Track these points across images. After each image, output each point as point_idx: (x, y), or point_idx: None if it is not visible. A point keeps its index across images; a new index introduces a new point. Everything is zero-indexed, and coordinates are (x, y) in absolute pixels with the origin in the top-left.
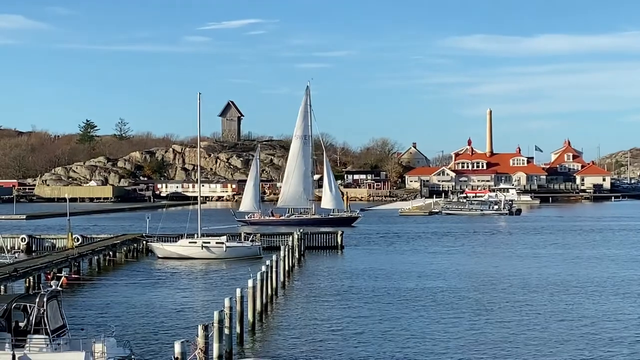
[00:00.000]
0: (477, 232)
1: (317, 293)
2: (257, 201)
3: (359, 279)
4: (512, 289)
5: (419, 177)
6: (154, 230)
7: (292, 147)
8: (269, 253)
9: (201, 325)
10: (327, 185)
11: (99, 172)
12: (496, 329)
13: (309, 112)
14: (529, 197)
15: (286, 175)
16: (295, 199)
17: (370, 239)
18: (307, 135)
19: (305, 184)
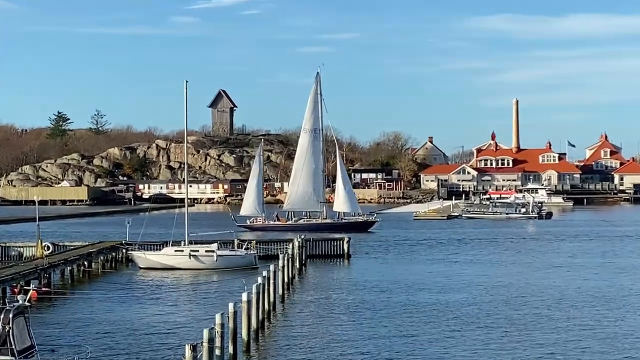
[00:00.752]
0: (503, 238)
1: (322, 308)
2: (261, 204)
3: (369, 292)
4: (547, 304)
5: (436, 176)
6: (135, 237)
7: (301, 143)
8: (266, 262)
9: (189, 344)
10: (341, 185)
11: (73, 171)
12: (530, 350)
13: (320, 103)
14: (560, 198)
15: (293, 174)
16: (304, 201)
17: (381, 247)
18: (317, 128)
19: (316, 184)
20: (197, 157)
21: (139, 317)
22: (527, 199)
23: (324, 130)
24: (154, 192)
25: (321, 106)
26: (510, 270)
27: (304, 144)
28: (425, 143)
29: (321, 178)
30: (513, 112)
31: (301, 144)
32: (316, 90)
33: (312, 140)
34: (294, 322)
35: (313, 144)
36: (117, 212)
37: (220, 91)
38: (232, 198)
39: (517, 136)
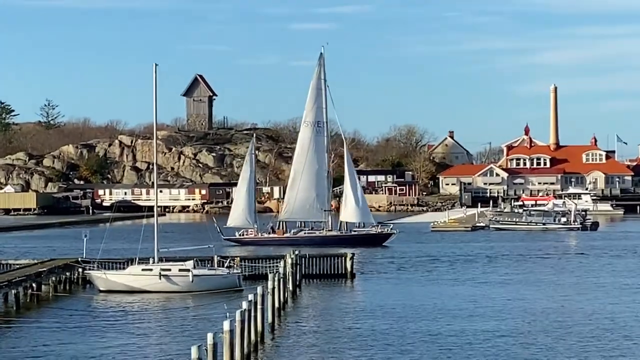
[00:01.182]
0: (540, 254)
1: (320, 339)
2: (252, 213)
3: (379, 320)
4: (596, 332)
5: (458, 179)
6: (93, 253)
7: (301, 138)
8: (253, 284)
9: None
10: (350, 191)
11: (18, 173)
12: None
13: (324, 90)
14: (608, 205)
15: (292, 176)
16: (305, 210)
17: (392, 264)
18: (320, 121)
19: (319, 189)
20: (169, 157)
21: (98, 351)
22: (568, 206)
23: (328, 124)
24: (117, 198)
25: (325, 94)
26: (550, 293)
27: (305, 140)
28: (444, 139)
29: (325, 181)
30: (551, 101)
31: (301, 140)
32: (319, 75)
33: (315, 136)
34: (286, 356)
35: (316, 139)
36: (72, 224)
37: (196, 76)
38: (211, 206)
39: (555, 130)
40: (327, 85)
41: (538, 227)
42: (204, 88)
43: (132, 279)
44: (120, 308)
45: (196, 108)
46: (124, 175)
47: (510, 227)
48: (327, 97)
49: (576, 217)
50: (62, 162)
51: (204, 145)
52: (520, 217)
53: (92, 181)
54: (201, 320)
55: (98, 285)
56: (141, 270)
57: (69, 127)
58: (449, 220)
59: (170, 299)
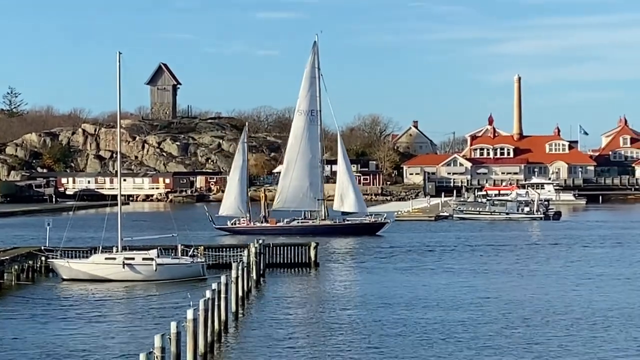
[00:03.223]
0: (504, 243)
1: (284, 328)
2: (245, 202)
3: (343, 308)
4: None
5: (422, 169)
6: (57, 242)
7: (294, 127)
8: (216, 273)
9: None
10: (345, 179)
11: None
12: None
13: (318, 78)
14: (571, 195)
15: (285, 165)
16: (299, 199)
17: (354, 253)
18: (314, 110)
19: (312, 178)
20: (133, 145)
21: (60, 340)
22: (532, 196)
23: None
24: (80, 187)
25: (319, 83)
26: (520, 282)
27: (299, 129)
28: (408, 129)
29: (319, 170)
30: (514, 91)
31: (295, 129)
32: (313, 64)
33: (308, 125)
34: (250, 345)
35: (309, 128)
36: (35, 212)
37: (160, 65)
38: (175, 195)
39: (519, 121)
40: (321, 74)
41: (501, 216)
42: (168, 77)
43: (95, 268)
44: (84, 297)
45: (160, 97)
46: (88, 163)
47: (473, 217)
48: (320, 86)
49: (539, 206)
50: (25, 150)
51: (167, 134)
52: (483, 207)
53: (55, 169)
54: (164, 309)
55: (61, 273)
56: (104, 259)
57: (32, 115)
58: (412, 209)
59: (134, 288)
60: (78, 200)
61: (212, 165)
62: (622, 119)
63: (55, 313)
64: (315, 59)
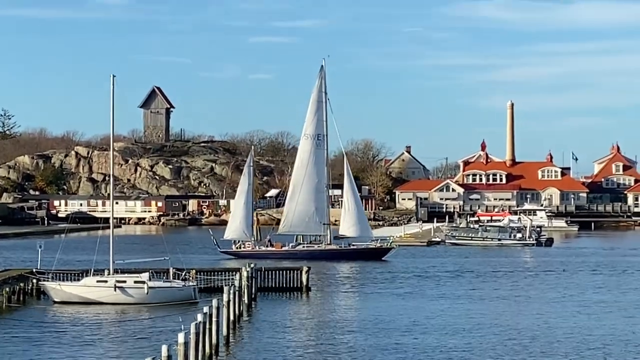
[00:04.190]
0: (499, 269)
1: (276, 352)
2: (250, 225)
3: (334, 333)
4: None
5: (414, 194)
6: (48, 264)
7: (300, 151)
8: (208, 296)
9: None
10: (349, 204)
11: None
12: None
13: (325, 103)
14: (563, 222)
15: (291, 189)
16: (304, 223)
17: (347, 278)
18: (321, 134)
19: (318, 202)
20: (126, 168)
21: None
22: (524, 222)
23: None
24: (73, 209)
25: (326, 106)
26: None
27: (305, 153)
28: (401, 154)
29: (325, 195)
30: (507, 117)
31: (301, 153)
32: (320, 88)
33: (315, 149)
34: None
35: (315, 152)
36: (27, 234)
37: (154, 88)
38: (167, 218)
39: (512, 146)
40: (328, 99)
41: (494, 242)
42: (161, 100)
43: (86, 291)
44: (75, 319)
45: (153, 120)
46: (80, 186)
47: (466, 243)
48: (327, 110)
49: (531, 233)
50: (17, 172)
51: (160, 157)
52: (476, 233)
53: (47, 192)
54: (156, 332)
55: (52, 296)
56: (96, 282)
57: (25, 138)
58: (405, 235)
59: (125, 311)
60: (70, 222)
61: (204, 189)
62: (615, 146)
63: (46, 336)
64: (322, 83)
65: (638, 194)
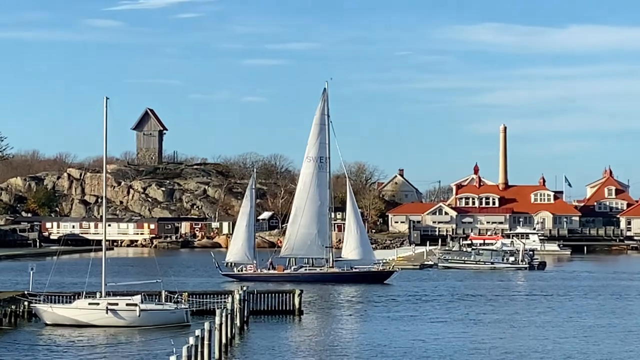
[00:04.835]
0: (493, 293)
1: None
2: (252, 248)
3: (327, 357)
4: None
5: (407, 217)
6: (40, 286)
7: (303, 174)
8: (200, 319)
9: None
10: (352, 227)
11: None
12: None
13: (327, 126)
14: (556, 245)
15: (294, 212)
16: (306, 246)
17: (341, 302)
18: (323, 156)
19: (320, 225)
20: (118, 190)
21: None
22: (517, 245)
23: (330, 159)
24: (65, 232)
25: (329, 129)
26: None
27: (307, 176)
28: (394, 177)
29: (327, 218)
30: (500, 141)
31: (304, 175)
32: (323, 111)
33: (317, 171)
34: None
35: (318, 175)
36: (19, 256)
37: (147, 110)
38: (159, 240)
39: (504, 170)
40: (331, 121)
41: (486, 266)
42: (154, 122)
43: (78, 313)
44: (66, 342)
45: (146, 142)
46: (73, 208)
47: (458, 266)
48: (330, 133)
49: (524, 256)
50: (9, 194)
51: (153, 179)
52: (468, 256)
53: (40, 214)
54: (148, 355)
55: (44, 318)
56: (88, 304)
57: (18, 160)
58: (397, 258)
59: (117, 334)
60: (62, 245)
61: (197, 211)
62: (607, 170)
63: (37, 359)
64: (324, 106)
65: (630, 218)
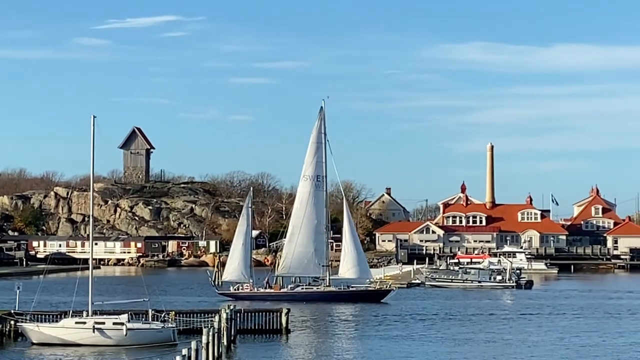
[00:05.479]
0: (482, 312)
1: None
2: (248, 267)
3: None
4: None
5: (394, 236)
6: (27, 305)
7: (300, 192)
8: (187, 338)
9: None
10: (349, 246)
11: None
12: None
13: (324, 144)
14: (543, 264)
15: (290, 230)
16: (303, 265)
17: (329, 321)
18: (320, 175)
19: (317, 244)
20: (105, 209)
21: None
22: (504, 264)
23: (327, 178)
24: (52, 250)
25: (326, 148)
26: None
27: (304, 194)
28: (381, 195)
29: (324, 237)
30: (487, 159)
31: (300, 194)
32: (319, 129)
33: (314, 190)
34: None
35: (315, 194)
36: (6, 275)
37: (134, 129)
38: (146, 259)
39: (491, 189)
40: (327, 140)
41: (473, 285)
42: (141, 141)
43: (65, 332)
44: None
45: (133, 161)
46: (59, 227)
47: (445, 285)
48: (327, 151)
49: (511, 275)
50: None
51: (140, 198)
52: (455, 275)
53: (26, 232)
54: None
55: (31, 338)
56: (74, 323)
57: (4, 178)
58: (385, 276)
59: (104, 353)
60: (49, 263)
61: (184, 230)
62: (594, 189)
63: None
64: (321, 125)
65: (617, 237)
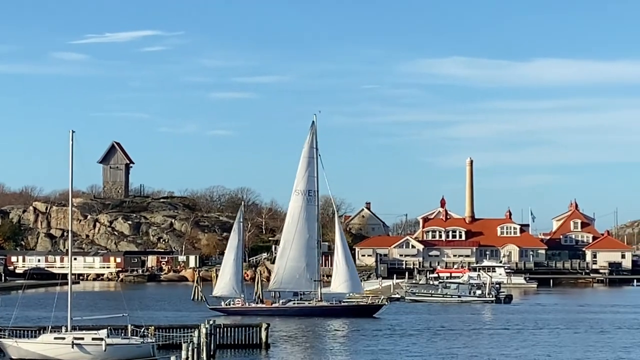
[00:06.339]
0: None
1: None
2: (239, 282)
3: None
4: None
5: (374, 250)
6: (5, 321)
7: (291, 207)
8: (166, 353)
9: None
10: (340, 261)
11: None
12: None
13: (316, 159)
14: (522, 278)
15: (282, 245)
16: (295, 279)
17: (309, 335)
18: (312, 190)
19: (309, 259)
20: (84, 224)
21: None
22: (483, 278)
23: (319, 192)
24: (31, 265)
25: (317, 162)
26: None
27: (296, 209)
28: (361, 210)
29: (316, 251)
30: (467, 174)
31: (292, 209)
32: (311, 144)
33: (306, 205)
34: None
35: (307, 208)
36: None
37: (113, 144)
38: (126, 274)
39: (471, 203)
40: (319, 154)
41: (453, 299)
42: (120, 155)
43: (44, 348)
44: None
45: (112, 175)
46: (38, 242)
47: (425, 299)
48: (318, 166)
49: (490, 289)
50: None
51: (119, 213)
52: (435, 289)
53: (5, 248)
54: None
55: (9, 353)
56: (53, 339)
57: None
58: (365, 292)
59: None
60: (28, 278)
61: (163, 245)
62: (573, 203)
63: None
64: (313, 139)
65: (596, 251)
